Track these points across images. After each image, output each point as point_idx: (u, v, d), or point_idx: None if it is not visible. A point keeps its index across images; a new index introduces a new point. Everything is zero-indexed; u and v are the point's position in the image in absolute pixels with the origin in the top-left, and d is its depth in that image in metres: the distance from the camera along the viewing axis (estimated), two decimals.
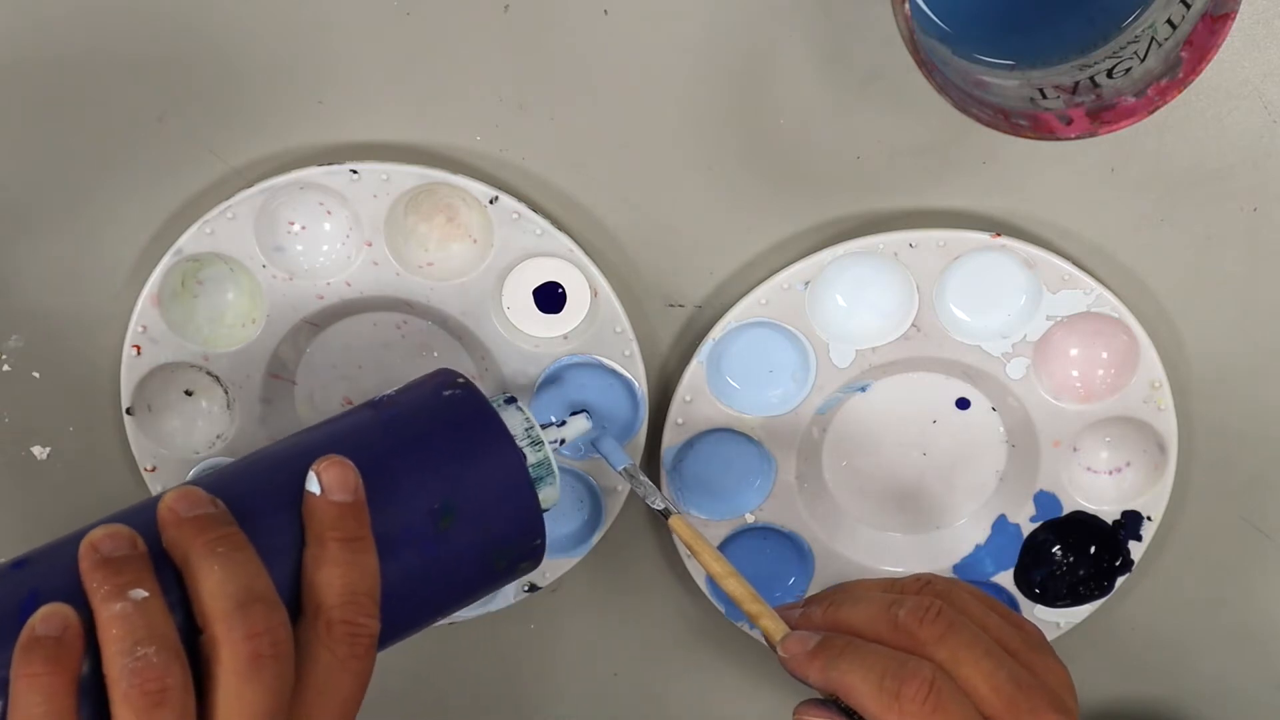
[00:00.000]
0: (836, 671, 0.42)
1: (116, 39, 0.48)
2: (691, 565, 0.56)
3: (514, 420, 0.45)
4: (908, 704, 0.40)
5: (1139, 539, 0.56)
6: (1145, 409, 0.54)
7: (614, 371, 0.53)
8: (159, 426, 0.54)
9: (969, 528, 0.58)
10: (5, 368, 0.54)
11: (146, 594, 0.37)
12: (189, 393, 0.54)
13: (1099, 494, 0.56)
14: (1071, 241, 0.52)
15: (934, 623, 0.42)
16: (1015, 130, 0.42)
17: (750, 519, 0.56)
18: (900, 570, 0.57)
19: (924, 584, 0.45)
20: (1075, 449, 0.55)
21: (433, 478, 0.42)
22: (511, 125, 0.50)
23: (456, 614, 0.57)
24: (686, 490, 0.56)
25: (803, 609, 0.46)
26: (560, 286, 0.53)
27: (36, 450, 0.56)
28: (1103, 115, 0.42)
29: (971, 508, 0.58)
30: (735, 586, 0.46)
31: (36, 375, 0.54)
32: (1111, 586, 0.57)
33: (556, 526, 0.57)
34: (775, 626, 0.45)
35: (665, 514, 0.49)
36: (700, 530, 0.49)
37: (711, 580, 0.47)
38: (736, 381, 0.54)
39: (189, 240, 0.50)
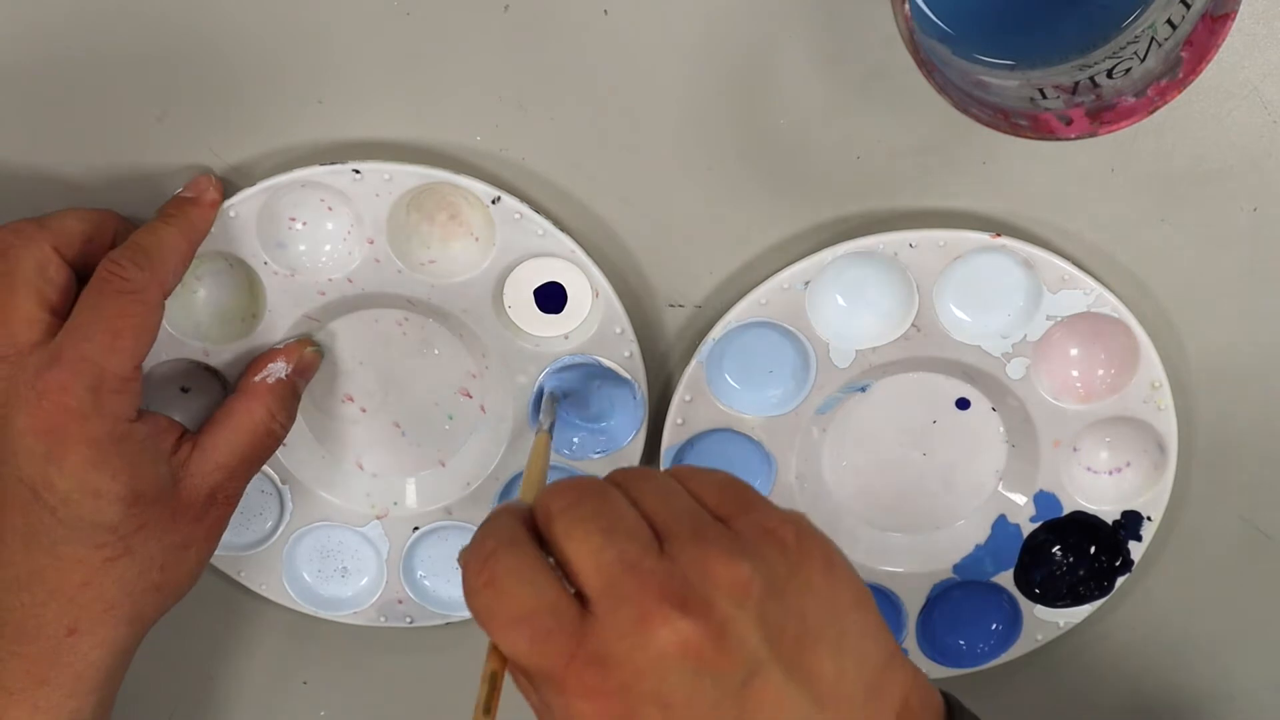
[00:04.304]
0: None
1: (116, 39, 0.48)
2: None
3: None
4: (467, 572, 0.37)
5: (1139, 539, 0.56)
6: (1145, 409, 0.54)
7: (614, 372, 0.53)
8: None
9: (969, 528, 0.58)
10: None
11: None
12: (185, 389, 0.54)
13: (1099, 494, 0.56)
14: (1071, 241, 0.52)
15: (563, 493, 0.37)
16: (1015, 130, 0.42)
17: None
18: (900, 570, 0.58)
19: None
20: (1075, 449, 0.55)
21: None
22: (512, 125, 0.50)
23: (456, 612, 0.58)
24: None
25: None
26: (561, 287, 0.53)
27: None
28: (1103, 115, 0.42)
29: (971, 508, 0.58)
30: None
31: None
32: (1111, 586, 0.57)
33: None
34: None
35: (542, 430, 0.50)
36: None
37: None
38: (736, 381, 0.54)
39: None
